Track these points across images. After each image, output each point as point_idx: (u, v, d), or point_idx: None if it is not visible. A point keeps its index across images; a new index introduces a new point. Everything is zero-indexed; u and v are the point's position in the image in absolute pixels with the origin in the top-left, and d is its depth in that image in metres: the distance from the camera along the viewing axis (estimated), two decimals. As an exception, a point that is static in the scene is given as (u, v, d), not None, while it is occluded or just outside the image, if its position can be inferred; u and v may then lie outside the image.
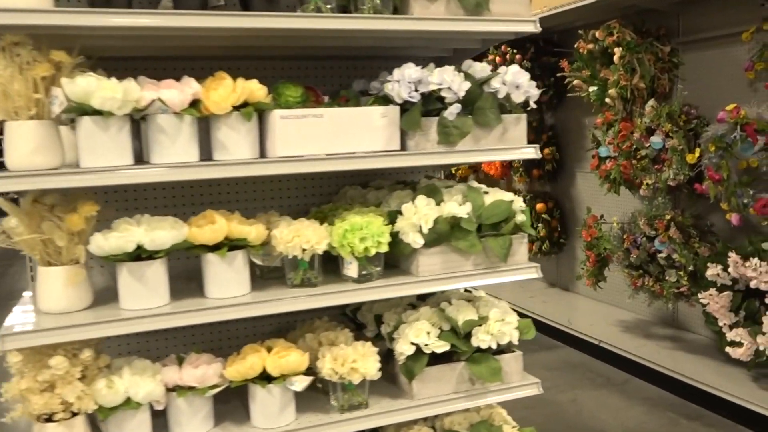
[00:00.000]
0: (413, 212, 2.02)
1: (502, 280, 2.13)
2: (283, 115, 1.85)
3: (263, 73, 2.36)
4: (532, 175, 5.59)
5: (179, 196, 2.30)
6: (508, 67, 2.07)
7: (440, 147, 2.02)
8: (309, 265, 1.98)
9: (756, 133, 3.42)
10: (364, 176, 2.60)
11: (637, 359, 4.09)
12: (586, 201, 5.22)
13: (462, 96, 1.98)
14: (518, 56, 5.29)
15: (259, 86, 1.86)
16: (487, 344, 2.11)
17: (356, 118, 1.95)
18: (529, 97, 2.07)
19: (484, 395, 2.17)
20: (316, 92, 2.05)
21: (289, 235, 1.92)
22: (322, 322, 2.32)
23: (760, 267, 3.40)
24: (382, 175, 2.62)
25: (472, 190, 2.11)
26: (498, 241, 2.10)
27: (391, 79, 1.99)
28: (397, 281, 2.03)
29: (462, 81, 1.98)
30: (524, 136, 2.13)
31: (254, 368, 1.90)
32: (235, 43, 2.03)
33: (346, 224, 1.95)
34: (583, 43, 4.39)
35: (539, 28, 2.06)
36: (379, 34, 2.02)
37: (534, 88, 2.06)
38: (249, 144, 1.87)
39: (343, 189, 2.50)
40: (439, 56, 2.57)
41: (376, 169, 2.46)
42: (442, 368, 2.13)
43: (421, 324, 2.09)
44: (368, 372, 1.98)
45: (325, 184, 2.55)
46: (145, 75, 1.83)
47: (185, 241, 1.85)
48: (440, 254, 2.07)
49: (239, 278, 1.91)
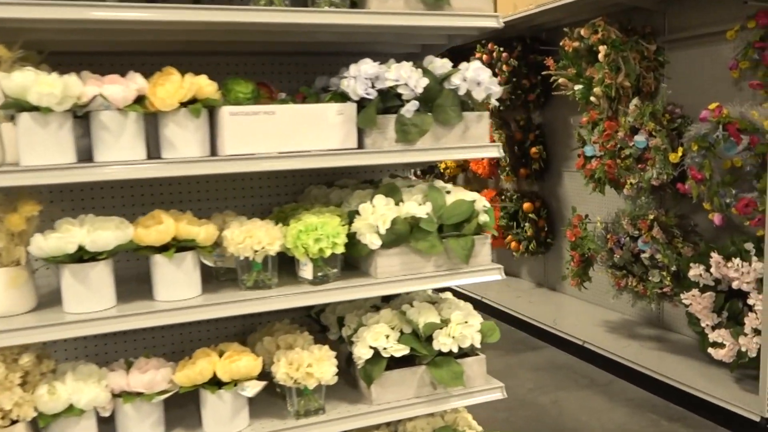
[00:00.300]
0: (371, 212, 1.96)
1: (464, 282, 2.07)
2: (232, 112, 1.79)
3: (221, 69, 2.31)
4: (520, 174, 5.53)
5: (137, 195, 2.25)
6: (469, 64, 2.02)
7: (398, 145, 1.96)
8: (263, 267, 1.92)
9: (739, 133, 3.36)
10: (331, 175, 2.54)
11: (620, 360, 4.05)
12: (573, 200, 5.17)
13: (420, 92, 1.92)
14: (505, 54, 5.24)
15: (209, 82, 1.80)
16: (448, 348, 2.05)
17: (311, 115, 1.89)
18: (490, 94, 2.01)
19: (446, 400, 2.11)
20: (270, 88, 1.99)
21: (240, 236, 1.86)
22: (282, 324, 2.26)
23: (742, 267, 3.35)
24: (349, 174, 2.56)
25: (433, 189, 2.05)
26: (459, 242, 2.04)
27: (348, 75, 1.93)
28: (354, 283, 1.98)
29: (420, 77, 1.93)
30: (487, 134, 2.07)
31: (203, 373, 1.84)
32: (189, 38, 1.97)
33: (300, 225, 1.90)
34: (568, 41, 4.34)
35: (501, 24, 2.00)
36: (334, 29, 1.96)
37: (495, 85, 2.00)
38: (198, 142, 1.81)
39: (308, 188, 2.44)
40: (408, 53, 2.51)
41: (336, 168, 2.40)
42: (403, 372, 2.07)
43: (379, 327, 2.03)
44: (324, 377, 1.93)
45: (290, 183, 2.49)
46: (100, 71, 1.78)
47: (131, 242, 1.79)
48: (399, 255, 2.01)
49: (189, 280, 1.86)
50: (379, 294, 2.00)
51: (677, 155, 3.71)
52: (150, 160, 1.77)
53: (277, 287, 1.95)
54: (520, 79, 5.24)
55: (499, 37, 5.38)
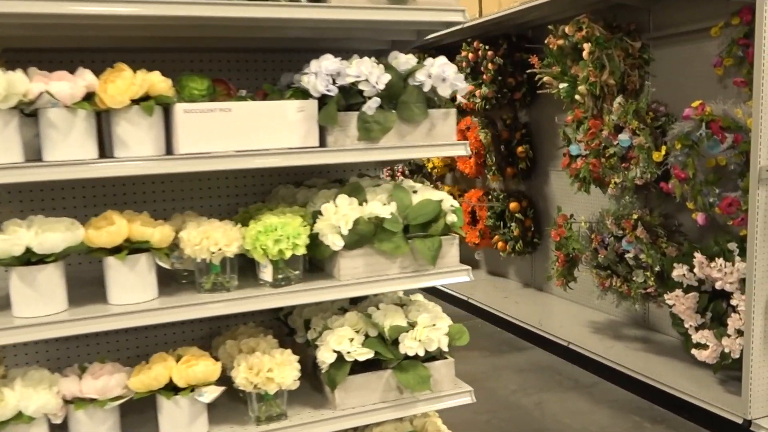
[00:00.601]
0: (333, 212, 1.91)
1: (431, 284, 2.02)
2: (186, 109, 1.74)
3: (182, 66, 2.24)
4: (506, 173, 5.48)
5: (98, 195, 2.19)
6: (434, 59, 1.96)
7: (361, 143, 1.91)
8: (221, 269, 1.87)
9: (722, 131, 3.32)
10: (300, 174, 2.49)
11: (605, 361, 4.00)
12: (559, 200, 5.12)
13: (381, 89, 1.87)
14: (490, 53, 5.18)
15: (162, 78, 1.74)
16: (414, 351, 1.99)
17: (269, 112, 1.84)
18: (456, 90, 1.95)
19: (413, 405, 2.06)
20: (228, 85, 1.94)
21: (197, 237, 1.81)
22: (247, 327, 2.21)
23: (725, 268, 3.30)
24: (319, 173, 2.51)
25: (398, 189, 2.00)
26: (426, 243, 1.98)
27: (309, 71, 1.88)
28: (316, 285, 1.92)
29: (382, 73, 1.87)
30: (454, 131, 2.01)
31: (159, 379, 1.79)
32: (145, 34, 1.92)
33: (259, 225, 1.84)
34: (553, 39, 4.28)
35: (467, 18, 1.94)
36: (292, 24, 1.90)
37: (461, 81, 1.95)
38: (152, 140, 1.75)
39: (276, 188, 2.39)
40: (379, 49, 2.45)
41: (298, 167, 2.35)
42: (368, 377, 2.02)
43: (343, 330, 1.98)
44: (284, 382, 1.87)
45: (258, 183, 2.43)
46: (50, 68, 1.72)
47: (81, 244, 1.74)
48: (363, 257, 1.96)
49: (143, 283, 1.80)
50: (342, 297, 1.95)
51: (661, 154, 3.66)
52: (101, 160, 1.72)
53: (236, 290, 1.90)
54: (506, 78, 5.19)
55: (485, 35, 5.33)
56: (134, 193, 2.24)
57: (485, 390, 4.01)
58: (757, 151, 2.92)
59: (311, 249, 1.94)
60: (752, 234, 2.97)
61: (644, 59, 4.07)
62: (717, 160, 3.43)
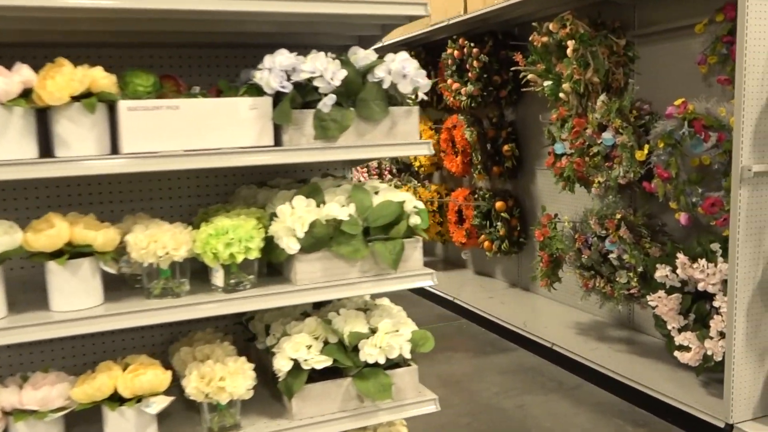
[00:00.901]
0: (289, 214, 1.83)
1: (393, 289, 1.94)
2: (129, 107, 1.66)
3: (134, 63, 2.15)
4: (492, 172, 5.40)
5: (41, 197, 2.09)
6: (396, 54, 1.88)
7: (318, 142, 1.83)
8: (171, 274, 1.79)
9: (705, 129, 3.24)
10: (265, 174, 2.41)
11: (589, 363, 3.94)
12: (545, 199, 5.05)
13: (337, 85, 1.78)
14: (475, 50, 5.10)
15: (104, 74, 1.66)
16: (374, 359, 1.92)
17: (220, 110, 1.76)
18: (417, 87, 1.87)
19: (374, 414, 1.98)
20: (177, 81, 1.86)
21: (144, 240, 1.73)
22: (204, 333, 2.13)
23: (708, 269, 3.24)
24: (285, 173, 2.43)
25: (358, 189, 1.92)
26: (387, 246, 1.91)
27: (262, 67, 1.80)
28: (271, 290, 1.84)
29: (338, 69, 1.79)
30: (416, 130, 1.94)
31: (102, 389, 1.71)
32: (92, 28, 1.84)
33: (210, 228, 1.76)
34: (537, 36, 4.21)
35: (428, 12, 1.87)
36: (242, 17, 1.82)
37: (423, 77, 1.87)
38: (94, 139, 1.67)
39: (238, 188, 2.31)
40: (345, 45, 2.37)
41: (262, 166, 2.27)
42: (326, 385, 1.94)
43: (300, 337, 1.90)
44: (236, 391, 1.79)
45: (221, 183, 2.35)
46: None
47: (20, 248, 1.66)
48: (321, 260, 1.88)
49: (87, 288, 1.72)
50: (299, 302, 1.87)
51: (644, 153, 3.59)
52: (39, 160, 1.63)
53: (188, 295, 1.82)
54: (492, 76, 5.11)
55: (471, 32, 5.26)
56: (90, 194, 2.16)
57: (467, 392, 3.95)
58: (738, 150, 2.85)
59: (267, 252, 1.87)
60: (734, 235, 2.91)
61: (629, 57, 4.00)
62: (701, 159, 3.36)
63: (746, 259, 2.92)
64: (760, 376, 3.04)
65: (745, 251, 2.92)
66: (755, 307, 2.97)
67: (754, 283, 2.96)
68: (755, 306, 2.97)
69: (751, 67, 2.78)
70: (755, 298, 2.97)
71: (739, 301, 2.94)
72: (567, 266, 4.24)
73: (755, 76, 2.79)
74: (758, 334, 3.01)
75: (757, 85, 2.80)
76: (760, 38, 2.76)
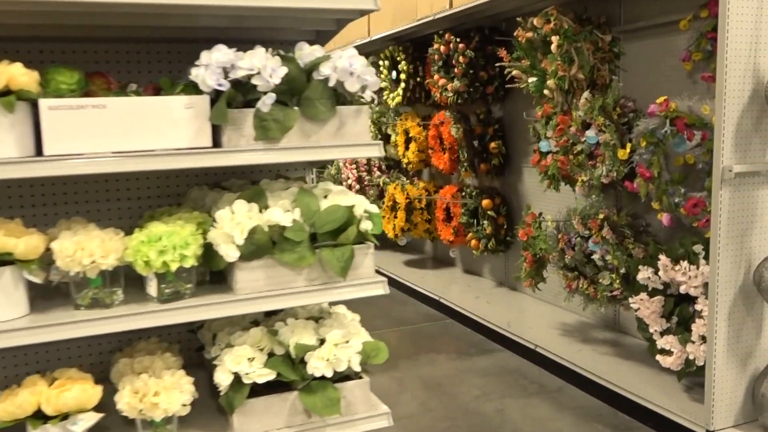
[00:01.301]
0: (228, 220, 1.73)
1: (342, 298, 1.84)
2: (51, 106, 1.56)
3: (64, 58, 2.04)
4: (480, 170, 5.29)
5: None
6: (343, 51, 1.78)
7: (259, 143, 1.73)
8: (102, 283, 1.69)
9: (687, 128, 3.13)
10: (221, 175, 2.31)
11: (571, 366, 3.83)
12: (532, 197, 4.94)
13: (276, 83, 1.68)
14: (461, 45, 4.98)
15: (24, 71, 1.56)
16: (321, 372, 1.82)
17: (152, 109, 1.65)
18: (365, 85, 1.77)
19: (321, 430, 1.88)
20: (108, 78, 1.75)
21: (70, 248, 1.63)
22: (148, 343, 2.03)
23: (689, 271, 3.13)
24: (242, 174, 2.33)
25: (304, 193, 1.82)
26: (335, 253, 1.80)
27: (199, 63, 1.69)
28: (210, 300, 1.74)
29: (277, 66, 1.69)
30: (366, 131, 1.83)
31: (24, 407, 1.61)
32: (29, 21, 1.73)
33: (142, 235, 1.66)
34: (522, 32, 4.09)
35: (379, 6, 1.76)
36: (181, 11, 1.72)
37: (372, 75, 1.76)
38: (14, 140, 1.57)
39: (190, 190, 2.21)
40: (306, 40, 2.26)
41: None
42: (270, 399, 1.84)
43: (242, 350, 1.80)
44: (171, 408, 1.70)
45: (173, 184, 2.25)
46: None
47: (-66, 256, 1.56)
48: (264, 268, 1.77)
49: (9, 300, 1.62)
50: (240, 312, 1.77)
51: (626, 152, 3.48)
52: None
53: (120, 305, 1.72)
54: (478, 71, 4.99)
55: (458, 27, 5.14)
56: (21, 196, 2.05)
57: (447, 395, 3.85)
58: (720, 150, 2.74)
59: (207, 260, 1.77)
60: (715, 236, 2.80)
61: (614, 53, 3.88)
62: (685, 158, 3.25)
63: (728, 261, 2.81)
64: (742, 382, 2.94)
65: (727, 254, 2.81)
66: (737, 311, 2.87)
67: (736, 286, 2.85)
68: (737, 310, 2.87)
69: (733, 64, 2.67)
70: (737, 301, 2.87)
71: (721, 305, 2.83)
72: (551, 266, 4.14)
73: (737, 74, 2.67)
74: (740, 339, 2.90)
75: (739, 83, 2.68)
76: (742, 34, 2.65)
